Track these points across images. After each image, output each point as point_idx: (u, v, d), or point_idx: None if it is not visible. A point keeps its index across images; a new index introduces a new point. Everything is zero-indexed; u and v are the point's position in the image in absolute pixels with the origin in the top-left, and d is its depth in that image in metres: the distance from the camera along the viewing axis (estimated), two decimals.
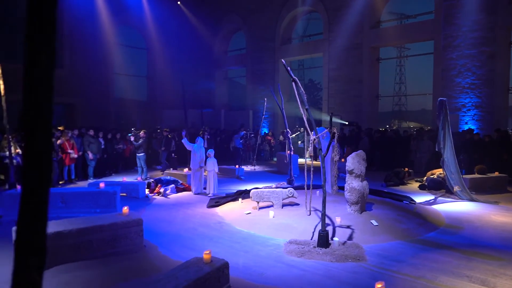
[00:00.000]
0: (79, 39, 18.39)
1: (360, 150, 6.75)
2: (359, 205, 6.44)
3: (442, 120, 8.99)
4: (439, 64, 15.66)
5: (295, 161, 13.11)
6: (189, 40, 22.62)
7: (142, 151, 11.36)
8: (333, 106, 19.07)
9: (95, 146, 11.42)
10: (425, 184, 10.35)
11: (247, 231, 6.32)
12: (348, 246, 5.37)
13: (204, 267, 3.70)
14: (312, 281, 4.33)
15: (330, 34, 18.73)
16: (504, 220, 7.02)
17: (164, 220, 6.95)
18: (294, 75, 5.75)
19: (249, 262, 4.91)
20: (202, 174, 9.02)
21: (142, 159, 11.34)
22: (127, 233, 4.99)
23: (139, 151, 11.36)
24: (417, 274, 4.50)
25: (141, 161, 11.36)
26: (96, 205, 6.65)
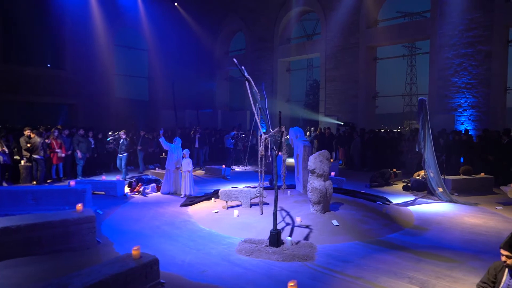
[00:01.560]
0: (80, 41, 18.75)
1: (324, 150, 6.72)
2: (321, 205, 6.41)
3: (422, 120, 8.85)
4: (435, 63, 15.40)
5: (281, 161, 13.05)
6: (190, 40, 22.80)
7: (124, 152, 11.38)
8: (330, 106, 18.95)
9: (84, 146, 11.64)
10: (408, 185, 10.20)
11: (209, 230, 6.37)
12: (301, 246, 5.36)
13: (130, 263, 3.76)
14: (250, 279, 4.35)
15: (327, 34, 18.61)
16: (475, 222, 6.87)
17: (132, 218, 7.06)
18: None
19: (196, 260, 4.96)
20: (178, 175, 9.05)
21: (123, 160, 11.35)
22: (79, 229, 5.10)
23: (121, 152, 11.36)
24: (359, 274, 4.47)
25: (122, 161, 11.36)
26: (65, 202, 6.80)
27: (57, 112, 19.06)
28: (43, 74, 17.72)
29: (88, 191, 7.15)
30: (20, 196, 6.73)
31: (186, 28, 22.43)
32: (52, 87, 17.79)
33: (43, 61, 18.13)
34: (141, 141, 12.69)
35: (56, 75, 18.38)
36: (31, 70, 17.21)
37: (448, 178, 9.57)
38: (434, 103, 15.44)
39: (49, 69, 18.25)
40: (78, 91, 18.85)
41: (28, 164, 10.44)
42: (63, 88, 18.29)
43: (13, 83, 16.38)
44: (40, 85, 17.29)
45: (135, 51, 22.93)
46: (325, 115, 18.94)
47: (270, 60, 21.33)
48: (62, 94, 18.35)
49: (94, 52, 19.24)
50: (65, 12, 17.92)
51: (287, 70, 21.81)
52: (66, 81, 18.49)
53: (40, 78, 17.40)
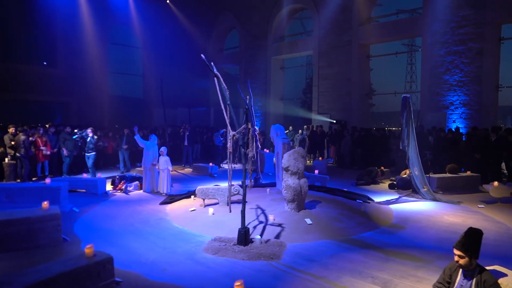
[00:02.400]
0: (73, 39, 18.69)
1: (299, 147, 6.65)
2: (296, 203, 6.33)
3: (405, 117, 8.75)
4: (427, 61, 15.27)
5: (270, 158, 13.04)
6: (184, 38, 22.70)
7: (92, 150, 10.76)
8: (323, 104, 18.85)
9: (71, 143, 11.58)
10: (394, 183, 10.11)
11: (182, 228, 6.31)
12: (270, 245, 5.29)
13: (82, 261, 3.70)
14: (210, 278, 4.28)
15: (320, 32, 18.50)
16: (453, 221, 6.78)
17: (108, 216, 7.00)
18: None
19: (160, 258, 4.90)
20: (155, 173, 8.97)
21: (91, 159, 10.77)
22: (44, 227, 5.05)
23: (88, 150, 10.74)
24: (322, 274, 4.39)
25: (89, 160, 10.78)
26: (40, 200, 6.67)
27: (50, 110, 19.02)
28: (35, 72, 17.68)
29: (64, 188, 7.10)
30: None
31: (179, 25, 22.34)
32: (45, 85, 17.72)
33: (35, 59, 18.08)
34: (125, 139, 12.21)
35: (49, 73, 18.34)
36: (23, 68, 17.18)
37: (433, 176, 9.48)
38: (426, 101, 15.35)
39: (42, 67, 18.22)
40: (71, 89, 18.81)
41: (12, 162, 10.39)
42: (56, 86, 18.24)
43: (5, 81, 16.34)
44: (33, 83, 17.22)
45: (129, 49, 22.88)
46: (318, 113, 18.84)
47: (264, 58, 21.23)
48: (56, 92, 18.31)
49: (87, 50, 19.18)
50: (57, 10, 17.85)
51: (281, 68, 21.70)
52: (59, 79, 18.44)
53: (32, 76, 17.34)
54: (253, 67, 21.88)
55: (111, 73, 21.45)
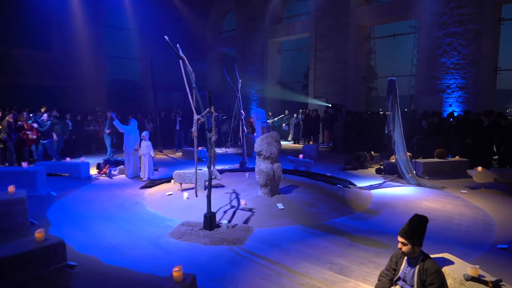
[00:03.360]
0: (68, 22, 18.52)
1: (274, 132, 6.53)
2: (269, 188, 6.26)
3: (391, 101, 8.56)
4: (424, 43, 14.86)
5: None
6: (181, 20, 22.35)
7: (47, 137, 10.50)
8: (319, 88, 18.56)
9: (60, 127, 11.59)
10: (381, 168, 9.98)
11: (155, 212, 6.31)
12: (236, 229, 5.25)
13: (31, 245, 3.69)
14: (166, 263, 4.25)
15: (317, 13, 18.06)
16: (432, 206, 6.68)
17: (84, 200, 7.02)
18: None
19: (124, 243, 4.89)
20: (137, 158, 8.93)
21: (48, 147, 10.57)
22: (10, 211, 5.06)
23: (43, 137, 10.48)
24: (280, 260, 4.35)
25: (47, 148, 10.57)
26: (17, 184, 6.70)
27: (47, 94, 18.98)
28: (30, 56, 17.62)
29: (41, 173, 7.11)
30: None
31: (176, 8, 21.97)
32: (40, 69, 17.69)
33: (30, 43, 17.95)
34: (108, 124, 11.72)
35: (44, 57, 18.27)
36: (18, 52, 17.12)
37: (418, 161, 9.33)
38: (422, 84, 15.02)
39: (37, 51, 18.11)
40: (67, 73, 18.75)
41: (0, 146, 10.45)
42: (51, 70, 18.19)
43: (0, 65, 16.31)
44: (28, 67, 17.20)
45: (126, 32, 22.62)
46: (314, 97, 18.58)
47: (261, 41, 20.86)
48: (51, 76, 18.27)
49: (82, 33, 18.99)
50: None
51: (278, 51, 21.34)
52: (54, 62, 18.38)
53: (27, 60, 17.30)
54: (250, 50, 21.54)
55: (108, 56, 21.32)
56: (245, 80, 21.92)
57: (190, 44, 22.94)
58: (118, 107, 18.69)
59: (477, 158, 10.07)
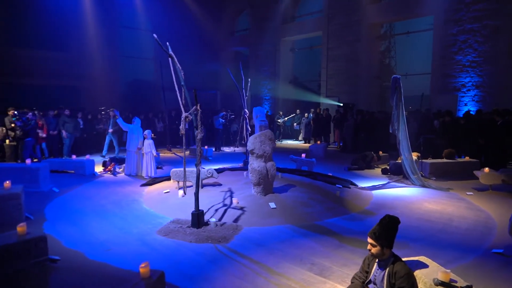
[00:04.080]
0: (84, 24, 19.00)
1: (268, 130, 6.47)
2: (261, 186, 6.20)
3: (395, 99, 8.33)
4: (438, 41, 14.42)
5: None
6: (194, 20, 22.54)
7: (28, 136, 10.09)
8: (331, 87, 18.34)
9: (71, 126, 11.89)
10: (387, 168, 9.74)
11: (149, 209, 6.36)
12: (224, 228, 5.23)
13: (12, 238, 3.78)
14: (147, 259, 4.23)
15: (330, 11, 17.83)
16: (432, 208, 6.45)
17: (84, 197, 7.15)
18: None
19: (112, 239, 4.95)
20: (140, 156, 8.99)
21: (28, 146, 10.06)
22: (5, 206, 5.20)
23: (25, 136, 9.99)
24: (262, 259, 4.28)
25: (26, 147, 10.03)
26: (20, 180, 6.95)
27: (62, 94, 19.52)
28: (46, 57, 18.15)
29: (43, 169, 7.30)
30: None
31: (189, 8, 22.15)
32: (56, 70, 18.22)
33: (46, 44, 18.49)
34: (111, 123, 11.72)
35: (61, 58, 18.79)
36: (36, 54, 17.67)
37: (425, 161, 9.05)
38: (436, 82, 14.59)
39: (53, 52, 18.63)
40: (82, 73, 19.23)
41: (13, 144, 10.79)
42: (67, 71, 18.69)
43: (19, 67, 16.87)
44: (45, 68, 17.73)
45: (140, 32, 22.97)
46: (326, 96, 18.36)
47: (273, 40, 20.78)
48: (67, 76, 18.77)
49: (97, 34, 19.44)
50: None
51: (290, 50, 21.20)
52: (69, 63, 18.88)
53: (45, 61, 17.83)
54: (262, 49, 21.50)
55: (122, 56, 21.73)
56: (258, 79, 21.90)
57: (203, 44, 23.17)
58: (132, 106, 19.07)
59: (490, 159, 9.70)
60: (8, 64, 16.37)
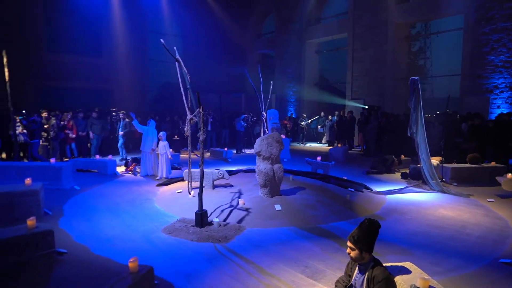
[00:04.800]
0: (116, 29, 19.86)
1: (275, 132, 6.49)
2: (268, 188, 6.23)
3: (414, 102, 8.09)
4: (469, 40, 13.80)
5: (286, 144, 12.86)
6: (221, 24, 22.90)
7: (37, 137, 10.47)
8: (356, 89, 18.00)
9: (98, 127, 12.47)
10: (407, 172, 9.45)
11: (159, 208, 6.56)
12: (227, 228, 5.31)
13: (21, 231, 4.06)
14: (147, 255, 4.43)
15: (355, 13, 17.54)
16: (447, 214, 6.20)
17: (102, 195, 7.48)
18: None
19: (118, 235, 5.17)
20: (155, 157, 9.23)
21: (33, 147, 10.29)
22: (24, 201, 5.57)
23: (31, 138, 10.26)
24: (257, 260, 4.33)
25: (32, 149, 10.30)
26: (44, 177, 7.41)
27: (94, 97, 20.47)
28: (79, 61, 19.13)
29: (66, 168, 7.72)
30: (6, 171, 7.49)
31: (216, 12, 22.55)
32: (89, 74, 19.16)
33: (81, 49, 19.50)
34: (121, 126, 11.80)
35: (92, 62, 19.74)
36: (70, 58, 18.69)
37: (446, 166, 8.70)
38: (467, 84, 13.96)
39: (85, 56, 19.61)
40: (113, 77, 20.11)
41: (45, 144, 11.48)
42: (99, 74, 19.62)
43: (54, 71, 17.92)
44: (77, 72, 18.71)
45: (169, 37, 23.65)
46: (351, 99, 18.06)
47: (298, 42, 20.72)
48: (98, 79, 19.71)
49: (128, 39, 20.26)
50: (101, 3, 19.04)
51: (316, 52, 21.04)
52: (101, 67, 19.80)
53: (78, 65, 18.82)
54: (288, 51, 21.48)
55: (153, 60, 22.48)
56: (283, 81, 21.93)
57: (230, 47, 23.51)
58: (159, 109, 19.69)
59: None
60: (44, 69, 17.43)
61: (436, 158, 9.64)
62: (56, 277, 3.89)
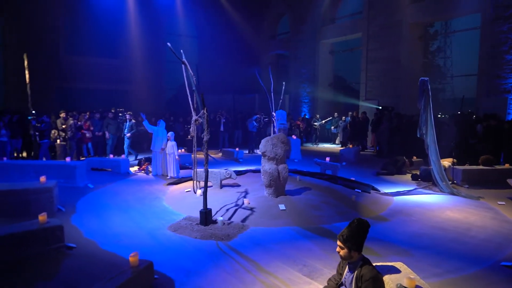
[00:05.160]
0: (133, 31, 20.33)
1: (281, 133, 6.57)
2: (273, 188, 6.32)
3: (423, 102, 8.03)
4: (486, 39, 13.51)
5: (297, 145, 12.93)
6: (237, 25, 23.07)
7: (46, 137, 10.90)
8: (371, 89, 17.85)
9: (114, 127, 12.83)
10: (417, 174, 9.36)
11: (167, 206, 6.75)
12: (231, 226, 5.43)
13: (32, 226, 4.29)
14: (150, 251, 4.58)
15: (370, 12, 17.41)
16: (453, 217, 6.15)
17: (114, 193, 7.73)
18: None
19: (125, 232, 5.36)
20: (165, 157, 9.43)
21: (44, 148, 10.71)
22: (39, 198, 5.85)
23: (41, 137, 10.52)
24: (257, 258, 4.42)
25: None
26: (59, 176, 7.72)
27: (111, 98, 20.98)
28: (99, 63, 19.68)
29: (80, 167, 8.02)
30: (25, 169, 7.84)
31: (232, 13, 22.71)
32: (107, 75, 19.68)
33: (99, 52, 20.03)
34: (128, 127, 11.86)
35: (111, 64, 20.27)
36: (89, 61, 19.26)
37: (458, 168, 8.57)
38: (484, 84, 13.67)
39: (104, 58, 20.15)
40: (131, 78, 20.59)
41: (63, 143, 11.90)
42: (116, 76, 20.12)
43: (74, 73, 18.49)
44: (97, 74, 19.25)
45: (186, 39, 24.00)
46: (365, 99, 17.92)
47: (312, 43, 20.69)
48: (116, 81, 20.21)
49: (145, 41, 20.69)
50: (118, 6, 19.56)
51: (330, 52, 20.97)
52: (119, 69, 20.31)
53: (96, 67, 19.36)
54: (302, 52, 21.48)
55: (169, 62, 22.87)
56: (297, 82, 21.94)
57: (245, 48, 23.67)
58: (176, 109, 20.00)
59: None
60: (64, 71, 18.02)
61: (449, 160, 9.52)
62: (64, 269, 4.10)
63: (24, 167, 7.90)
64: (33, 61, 16.06)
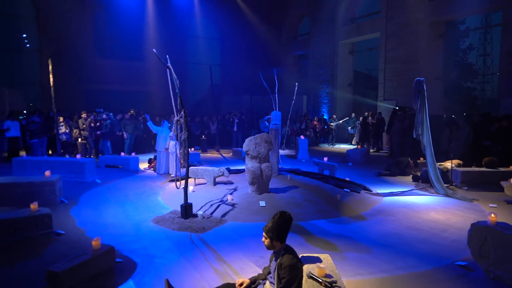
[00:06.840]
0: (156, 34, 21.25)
1: (264, 133, 6.81)
2: (256, 186, 6.58)
3: (419, 103, 7.97)
4: (507, 37, 12.97)
5: (304, 145, 13.07)
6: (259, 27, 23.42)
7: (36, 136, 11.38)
8: (389, 89, 17.55)
9: (131, 127, 13.59)
10: (418, 175, 9.24)
11: (160, 201, 7.20)
12: (209, 220, 5.78)
13: (24, 213, 4.85)
14: (128, 240, 5.02)
15: (388, 12, 17.14)
16: (434, 218, 6.13)
17: (117, 188, 8.31)
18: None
19: (114, 222, 5.84)
20: (169, 156, 9.91)
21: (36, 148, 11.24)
22: (42, 191, 6.48)
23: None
24: (220, 249, 4.72)
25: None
26: (70, 171, 8.45)
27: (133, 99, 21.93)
28: (121, 66, 20.74)
29: (88, 163, 8.68)
30: (40, 165, 8.61)
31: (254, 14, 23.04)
32: (129, 77, 20.69)
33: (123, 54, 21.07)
34: (134, 124, 13.02)
35: (134, 66, 21.28)
36: (112, 63, 20.37)
37: (457, 169, 8.40)
38: (505, 83, 13.12)
39: (127, 61, 21.17)
40: (153, 80, 21.49)
41: (84, 142, 12.79)
42: (139, 77, 21.09)
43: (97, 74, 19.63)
44: (120, 75, 20.32)
45: (208, 41, 24.68)
46: (383, 99, 17.65)
47: (332, 43, 20.62)
48: (139, 83, 21.19)
49: (168, 43, 21.51)
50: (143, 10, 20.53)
51: (349, 52, 20.79)
52: (141, 71, 21.25)
53: (118, 69, 20.42)
54: (321, 52, 21.46)
55: (192, 64, 23.65)
56: (316, 82, 21.94)
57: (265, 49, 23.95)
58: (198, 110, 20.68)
59: None
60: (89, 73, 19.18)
61: (455, 162, 9.33)
62: (48, 252, 4.61)
63: (40, 163, 8.68)
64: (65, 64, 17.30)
